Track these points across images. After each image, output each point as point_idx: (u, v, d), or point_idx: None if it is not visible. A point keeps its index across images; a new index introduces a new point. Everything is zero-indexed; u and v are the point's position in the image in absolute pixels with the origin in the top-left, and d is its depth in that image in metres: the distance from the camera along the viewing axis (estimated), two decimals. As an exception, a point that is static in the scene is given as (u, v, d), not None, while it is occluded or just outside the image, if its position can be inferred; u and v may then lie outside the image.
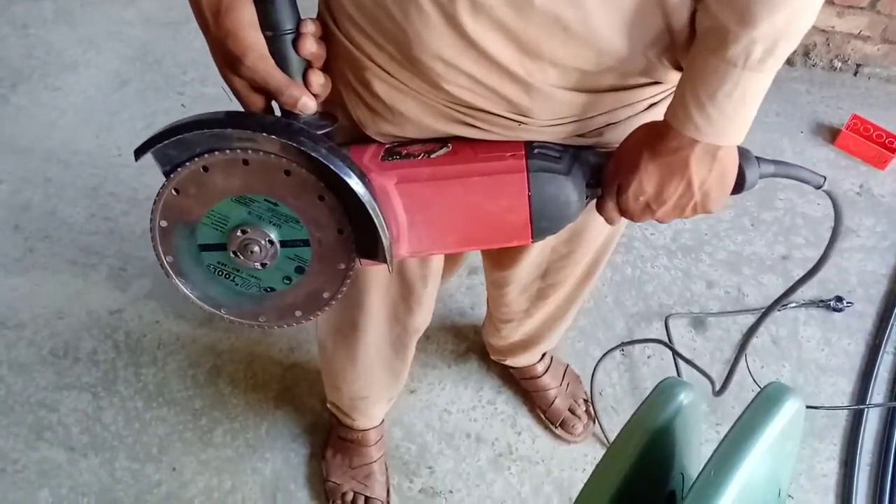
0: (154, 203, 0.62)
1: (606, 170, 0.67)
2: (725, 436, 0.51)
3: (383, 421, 1.37)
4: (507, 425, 1.46)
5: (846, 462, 1.43)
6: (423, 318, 1.05)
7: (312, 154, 0.58)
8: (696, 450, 0.65)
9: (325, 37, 0.65)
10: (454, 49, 0.59)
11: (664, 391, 0.60)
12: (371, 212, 0.61)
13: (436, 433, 1.44)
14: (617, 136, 0.70)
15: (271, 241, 0.63)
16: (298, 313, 0.68)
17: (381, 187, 0.63)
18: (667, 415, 0.58)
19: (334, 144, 0.61)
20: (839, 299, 1.64)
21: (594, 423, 1.45)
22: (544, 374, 1.43)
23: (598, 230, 0.95)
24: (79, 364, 1.50)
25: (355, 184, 0.60)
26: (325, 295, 0.67)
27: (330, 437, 1.38)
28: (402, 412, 1.45)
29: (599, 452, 1.42)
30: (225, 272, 0.66)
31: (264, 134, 0.58)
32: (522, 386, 1.47)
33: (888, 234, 1.78)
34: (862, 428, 1.46)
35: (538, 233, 0.67)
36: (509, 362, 1.43)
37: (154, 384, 1.48)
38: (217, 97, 2.00)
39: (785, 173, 0.67)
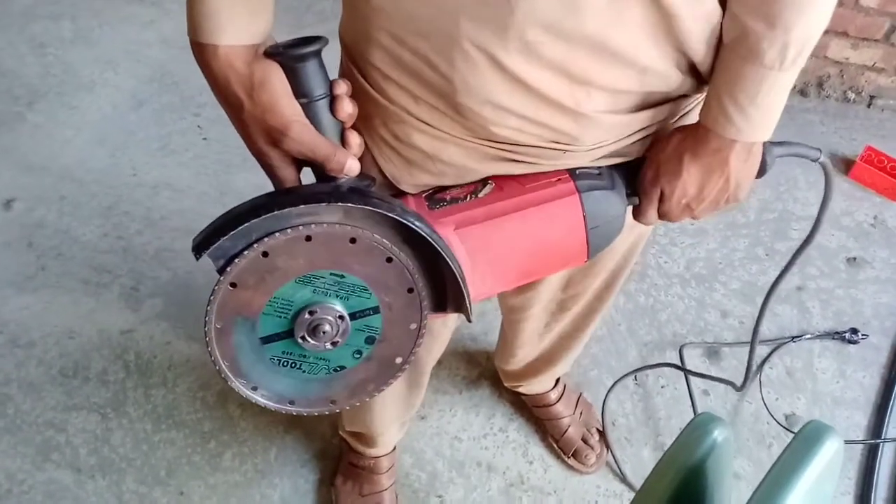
0: (208, 304, 0.57)
1: (643, 178, 0.68)
2: (766, 475, 0.50)
3: (395, 448, 1.35)
4: (518, 454, 1.44)
5: (861, 497, 1.41)
6: (439, 352, 1.04)
7: (389, 214, 0.56)
8: (728, 489, 0.64)
9: (355, 94, 0.64)
10: (504, 92, 0.59)
11: (698, 427, 0.59)
12: (452, 264, 0.59)
13: (446, 461, 1.42)
14: (646, 146, 0.71)
15: (341, 317, 0.59)
16: (371, 386, 0.64)
17: (442, 237, 0.61)
18: (701, 452, 0.57)
19: (400, 201, 0.59)
20: (854, 331, 1.63)
21: (607, 453, 1.43)
22: (557, 402, 1.42)
23: (619, 238, 0.94)
24: (88, 384, 1.49)
25: (436, 238, 0.57)
26: (398, 360, 0.63)
27: (340, 464, 1.37)
28: (412, 439, 1.44)
29: (612, 484, 1.40)
30: (290, 361, 0.61)
31: (339, 204, 0.55)
32: (535, 414, 1.46)
33: (903, 267, 1.77)
34: (877, 463, 1.44)
35: (593, 251, 0.67)
36: (523, 389, 1.41)
37: (163, 406, 1.47)
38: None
39: (789, 152, 0.71)
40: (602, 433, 1.45)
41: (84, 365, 1.52)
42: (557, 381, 1.42)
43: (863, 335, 1.62)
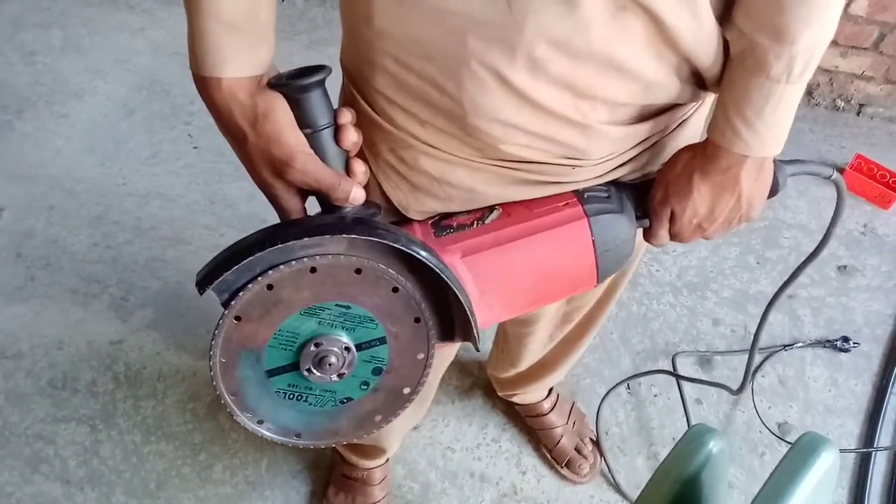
0: (213, 338, 0.56)
1: (652, 199, 0.67)
2: (762, 488, 0.50)
3: (388, 459, 1.35)
4: (511, 464, 1.43)
5: (855, 505, 1.41)
6: (445, 367, 1.04)
7: (394, 245, 0.55)
8: (724, 500, 0.63)
9: (359, 120, 0.63)
10: (511, 109, 0.59)
11: (693, 439, 0.59)
12: (458, 293, 0.58)
13: (439, 471, 1.42)
14: (653, 160, 0.71)
15: (347, 348, 0.59)
16: (378, 417, 0.63)
17: (448, 265, 0.60)
18: (696, 464, 0.57)
19: (405, 231, 0.58)
20: (845, 339, 1.63)
21: (601, 462, 1.43)
22: (550, 411, 1.41)
23: None
24: (77, 395, 1.48)
25: (442, 268, 0.57)
26: (406, 391, 0.62)
27: (332, 475, 1.36)
28: (405, 449, 1.43)
29: (606, 494, 1.40)
30: (296, 394, 0.61)
31: (343, 235, 0.54)
32: (528, 423, 1.45)
33: (893, 274, 1.78)
34: (870, 471, 1.44)
35: (603, 276, 0.66)
36: (516, 399, 1.41)
37: (153, 417, 1.46)
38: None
39: (802, 170, 0.71)
40: (595, 442, 1.45)
41: (73, 376, 1.51)
42: (551, 390, 1.42)
43: (854, 343, 1.62)
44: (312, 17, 2.44)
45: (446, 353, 0.99)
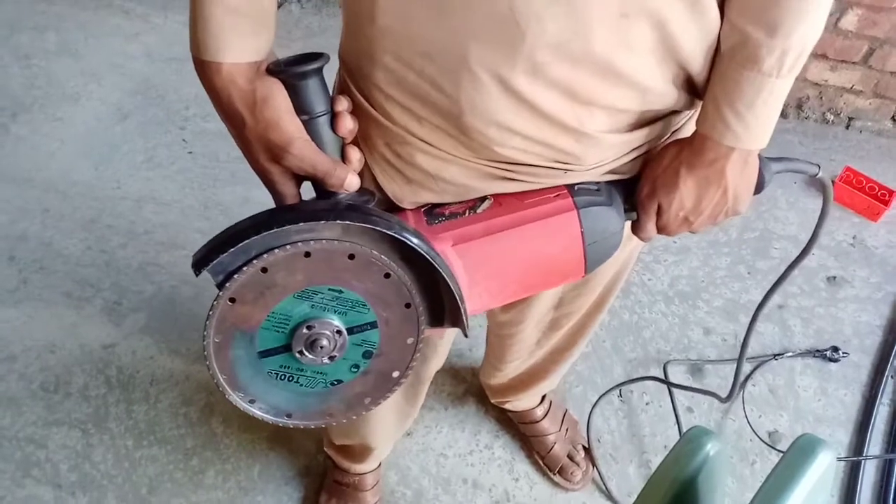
0: (207, 318, 0.57)
1: (640, 193, 0.69)
2: (760, 489, 0.50)
3: (380, 465, 1.35)
4: (504, 471, 1.44)
5: (844, 514, 1.42)
6: (437, 364, 1.04)
7: (387, 232, 0.56)
8: (721, 503, 0.64)
9: (356, 114, 0.64)
10: (509, 112, 0.59)
11: (691, 441, 0.59)
12: (449, 280, 0.59)
13: (432, 478, 1.42)
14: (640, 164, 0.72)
15: (339, 331, 0.60)
16: (367, 400, 0.65)
17: (440, 252, 0.61)
18: (694, 466, 0.57)
19: (398, 218, 0.60)
20: (835, 349, 1.64)
21: (593, 470, 1.43)
22: (543, 418, 1.42)
23: (613, 255, 0.95)
24: (69, 399, 1.47)
25: (433, 255, 0.58)
26: (395, 374, 0.64)
27: (325, 481, 1.36)
28: (398, 455, 1.43)
29: (598, 501, 1.40)
30: (288, 375, 0.62)
31: (338, 221, 0.55)
32: (521, 430, 1.45)
33: (882, 286, 1.80)
34: (859, 480, 1.45)
35: (590, 266, 0.68)
36: (509, 406, 1.41)
37: (145, 422, 1.45)
38: (220, 132, 2.00)
39: (788, 167, 0.73)
40: (588, 450, 1.45)
41: (65, 380, 1.50)
42: (544, 397, 1.42)
43: (843, 353, 1.64)
44: (308, 24, 2.45)
45: (436, 348, 0.99)
